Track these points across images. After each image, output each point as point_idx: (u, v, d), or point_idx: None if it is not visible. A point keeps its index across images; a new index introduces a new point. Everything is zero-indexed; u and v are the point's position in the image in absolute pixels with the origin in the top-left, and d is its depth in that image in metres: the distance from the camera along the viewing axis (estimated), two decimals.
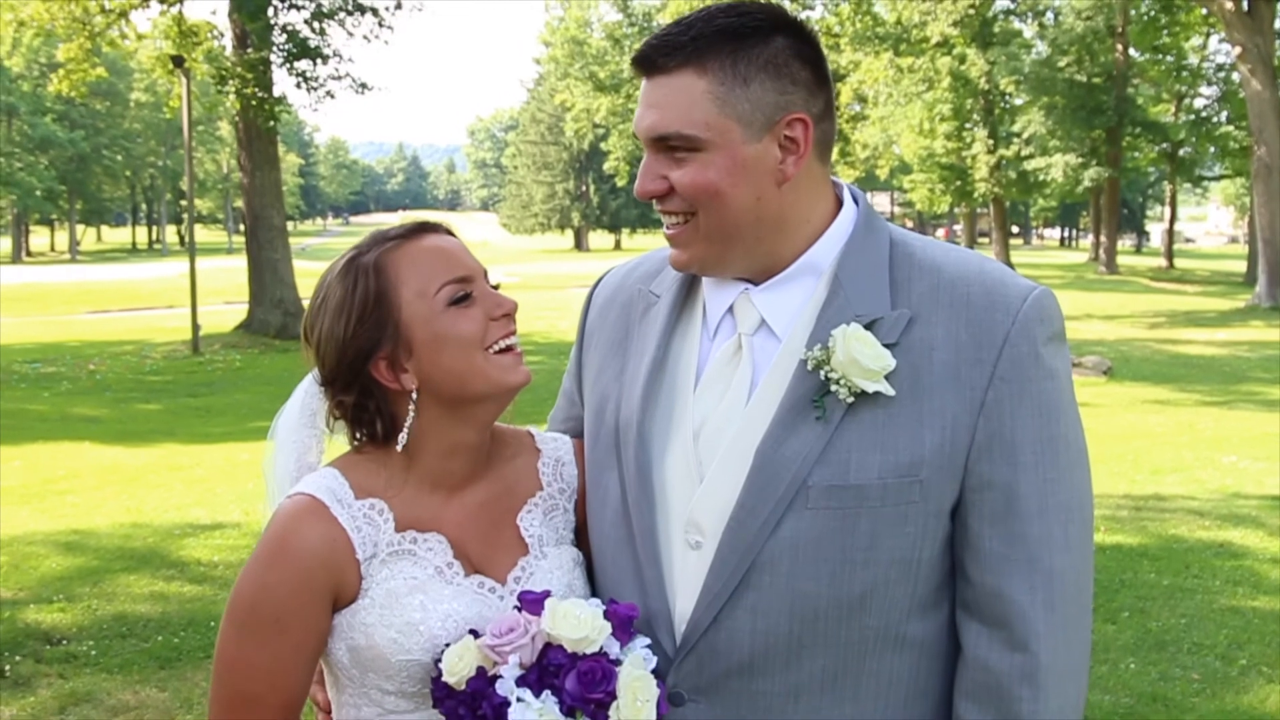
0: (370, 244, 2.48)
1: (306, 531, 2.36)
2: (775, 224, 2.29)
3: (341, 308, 2.41)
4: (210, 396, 23.43)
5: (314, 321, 2.48)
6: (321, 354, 2.46)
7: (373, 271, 2.41)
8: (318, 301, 2.48)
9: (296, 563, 2.34)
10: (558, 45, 68.38)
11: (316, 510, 2.38)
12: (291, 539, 2.36)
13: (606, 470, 2.48)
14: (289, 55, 32.97)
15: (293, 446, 2.62)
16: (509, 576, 2.47)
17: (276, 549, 2.37)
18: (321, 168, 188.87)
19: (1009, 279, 2.28)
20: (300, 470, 2.59)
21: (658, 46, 2.26)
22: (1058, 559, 2.21)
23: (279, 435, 2.66)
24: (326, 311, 2.44)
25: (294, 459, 2.61)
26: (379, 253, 2.44)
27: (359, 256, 2.45)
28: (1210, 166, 71.79)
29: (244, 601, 2.37)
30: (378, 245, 2.46)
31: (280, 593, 2.34)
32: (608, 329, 2.63)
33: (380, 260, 2.42)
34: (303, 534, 2.36)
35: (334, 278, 2.46)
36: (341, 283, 2.44)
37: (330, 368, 2.46)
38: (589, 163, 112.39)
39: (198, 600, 9.14)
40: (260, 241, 33.29)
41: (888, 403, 2.19)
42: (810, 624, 2.22)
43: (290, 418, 2.65)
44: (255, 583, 2.36)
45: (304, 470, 2.58)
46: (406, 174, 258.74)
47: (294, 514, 2.39)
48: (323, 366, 2.48)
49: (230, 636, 2.38)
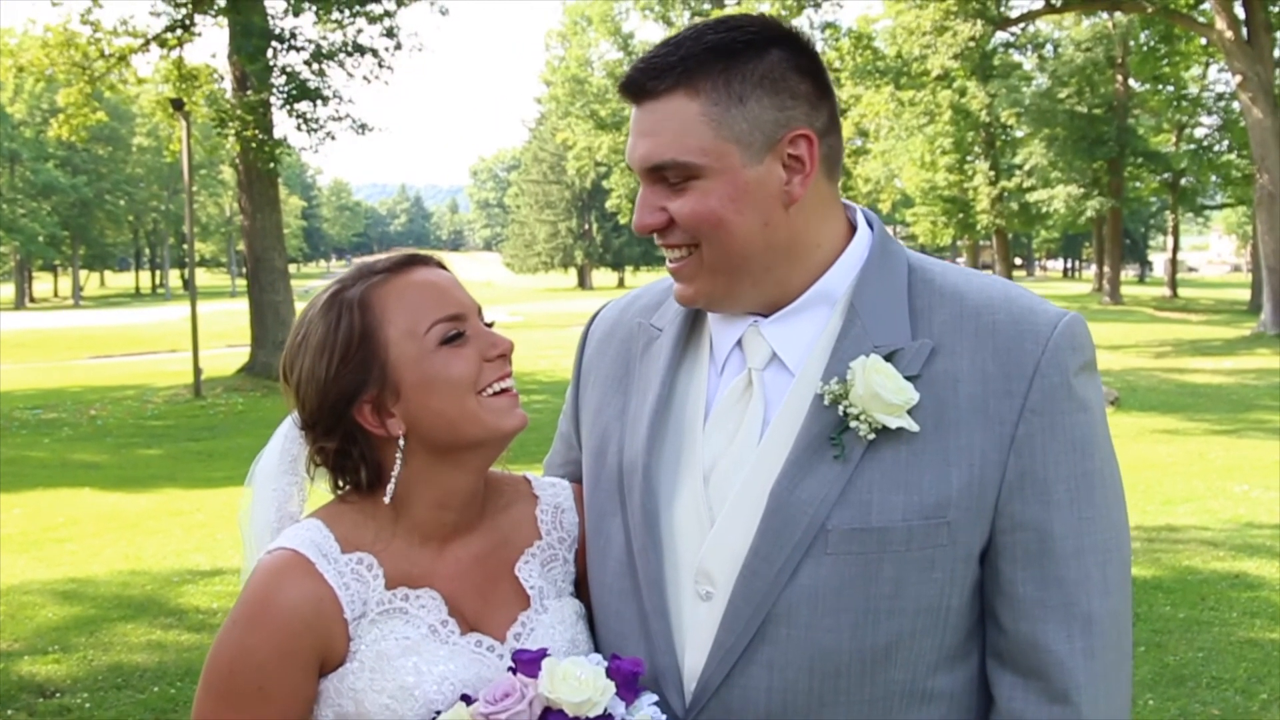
0: (355, 277, 2.30)
1: (290, 590, 2.17)
2: (785, 250, 2.13)
3: (323, 346, 2.24)
4: (212, 440, 23.25)
5: (294, 360, 2.30)
6: (301, 396, 2.29)
7: (358, 308, 2.24)
8: (298, 339, 2.30)
9: (280, 624, 2.15)
10: (559, 84, 68.31)
11: (301, 566, 2.19)
12: (274, 598, 2.17)
13: (609, 516, 2.32)
14: (289, 97, 32.88)
15: (272, 495, 2.43)
16: (508, 633, 2.29)
17: (257, 609, 2.17)
18: (324, 209, 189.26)
19: (1037, 305, 2.13)
20: (281, 521, 2.40)
21: (645, 70, 2.11)
22: (1096, 603, 2.06)
23: (257, 482, 2.47)
24: (307, 350, 2.26)
25: (274, 508, 2.42)
26: (365, 287, 2.26)
27: (343, 291, 2.27)
28: (1212, 195, 71.85)
29: (223, 667, 2.18)
30: (363, 279, 2.28)
31: (262, 657, 2.15)
32: (606, 365, 2.47)
33: (366, 295, 2.25)
34: (286, 593, 2.17)
35: (315, 313, 2.28)
36: (324, 319, 2.25)
37: (311, 411, 2.28)
38: (591, 201, 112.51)
39: (196, 649, 8.97)
40: (262, 284, 33.18)
41: (911, 439, 2.04)
42: (831, 679, 2.06)
43: (269, 464, 2.45)
44: (235, 646, 2.17)
45: (285, 521, 2.40)
46: (410, 215, 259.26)
47: (276, 571, 2.20)
48: (303, 409, 2.30)
49: (207, 705, 2.20)
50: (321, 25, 33.27)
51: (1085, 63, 61.87)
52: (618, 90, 2.18)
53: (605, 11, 65.00)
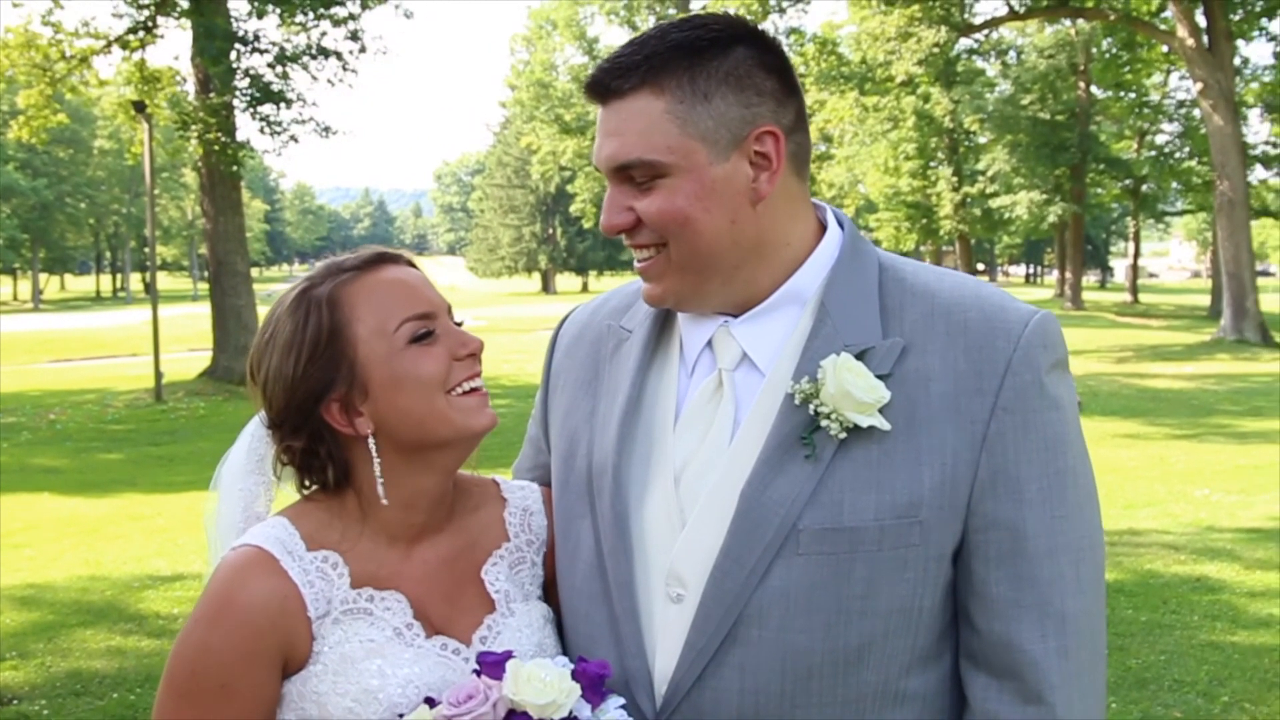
0: (324, 275, 2.27)
1: (255, 586, 2.14)
2: (753, 248, 2.12)
3: (291, 344, 2.21)
4: (173, 445, 23.04)
5: (261, 358, 2.27)
6: (269, 394, 2.26)
7: (326, 305, 2.21)
8: (265, 336, 2.28)
9: (243, 621, 2.12)
10: (523, 88, 68.29)
11: (265, 563, 2.16)
12: (237, 595, 2.14)
13: (578, 519, 2.30)
14: (252, 100, 32.68)
15: (239, 495, 2.40)
16: (474, 636, 2.26)
17: (220, 606, 2.14)
18: (287, 213, 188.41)
19: (1008, 303, 2.12)
20: (247, 521, 2.37)
21: (610, 70, 2.10)
22: (1070, 602, 2.05)
23: (223, 483, 2.44)
24: (275, 348, 2.24)
25: (240, 508, 2.39)
26: (333, 285, 2.24)
27: (311, 288, 2.25)
28: (1173, 202, 72.27)
29: (184, 665, 2.14)
30: (332, 276, 2.26)
31: (225, 655, 2.12)
32: (575, 368, 2.45)
33: (335, 293, 2.23)
34: (250, 589, 2.14)
35: (283, 311, 2.26)
36: (292, 317, 2.23)
37: (278, 409, 2.25)
38: (555, 205, 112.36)
39: (156, 655, 8.89)
40: (224, 288, 32.96)
41: (882, 438, 2.03)
42: (803, 681, 2.04)
43: (236, 463, 2.42)
44: (197, 644, 2.14)
45: (251, 521, 2.37)
46: (373, 219, 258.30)
47: (240, 567, 2.17)
48: (270, 408, 2.28)
49: (168, 705, 2.16)
50: (285, 28, 33.13)
51: (1048, 69, 62.27)
52: (584, 91, 2.17)
53: (570, 16, 65.08)
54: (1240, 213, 39.83)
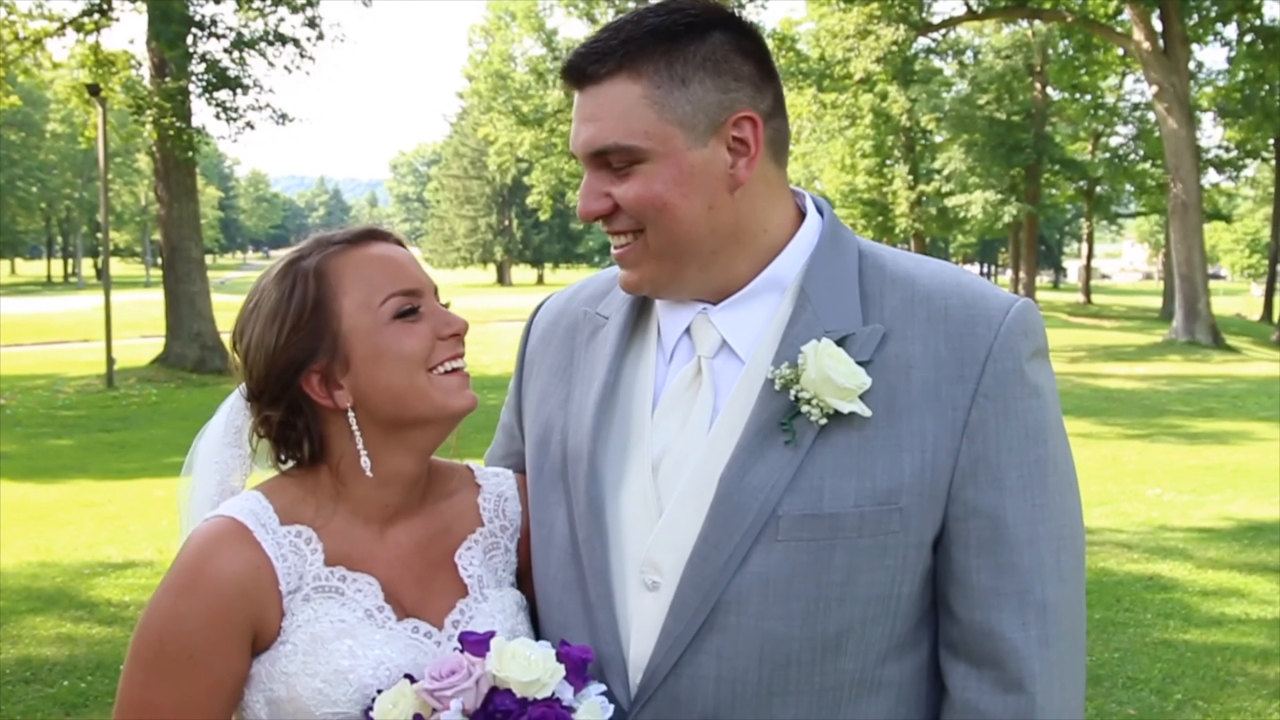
0: (313, 247, 2.26)
1: (228, 555, 2.11)
2: (731, 235, 2.10)
3: (275, 313, 2.20)
4: (125, 432, 22.85)
5: (245, 327, 2.26)
6: (250, 363, 2.25)
7: (313, 277, 2.20)
8: (250, 305, 2.26)
9: (213, 591, 2.09)
10: (481, 79, 67.98)
11: (238, 533, 2.14)
12: (208, 565, 2.11)
13: (552, 506, 2.28)
14: (208, 85, 32.45)
15: (215, 468, 2.37)
16: (446, 620, 2.24)
17: (191, 576, 2.11)
18: (242, 201, 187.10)
19: (988, 291, 2.12)
20: (222, 495, 2.34)
21: (586, 55, 2.08)
22: (1051, 590, 2.04)
23: (199, 455, 2.42)
24: (259, 317, 2.23)
25: (215, 481, 2.37)
26: (321, 257, 2.23)
27: (299, 260, 2.24)
28: (1126, 204, 72.90)
29: (151, 635, 2.11)
30: (320, 249, 2.25)
31: (193, 625, 2.08)
32: (550, 355, 2.43)
33: (322, 265, 2.22)
34: (223, 558, 2.11)
35: (269, 280, 2.25)
36: (278, 286, 2.22)
37: (258, 379, 2.24)
38: (512, 197, 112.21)
39: (107, 643, 8.82)
40: (178, 274, 32.73)
41: (863, 424, 2.01)
42: (781, 669, 2.03)
43: (213, 436, 2.40)
44: (165, 613, 2.11)
45: (226, 495, 2.34)
46: (328, 208, 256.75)
47: (212, 538, 2.14)
48: (250, 377, 2.26)
49: (135, 677, 2.12)
50: (243, 13, 32.88)
51: (1005, 70, 62.65)
52: (560, 75, 2.15)
53: (529, 7, 64.84)
54: (1193, 216, 40.22)
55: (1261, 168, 66.97)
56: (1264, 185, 73.79)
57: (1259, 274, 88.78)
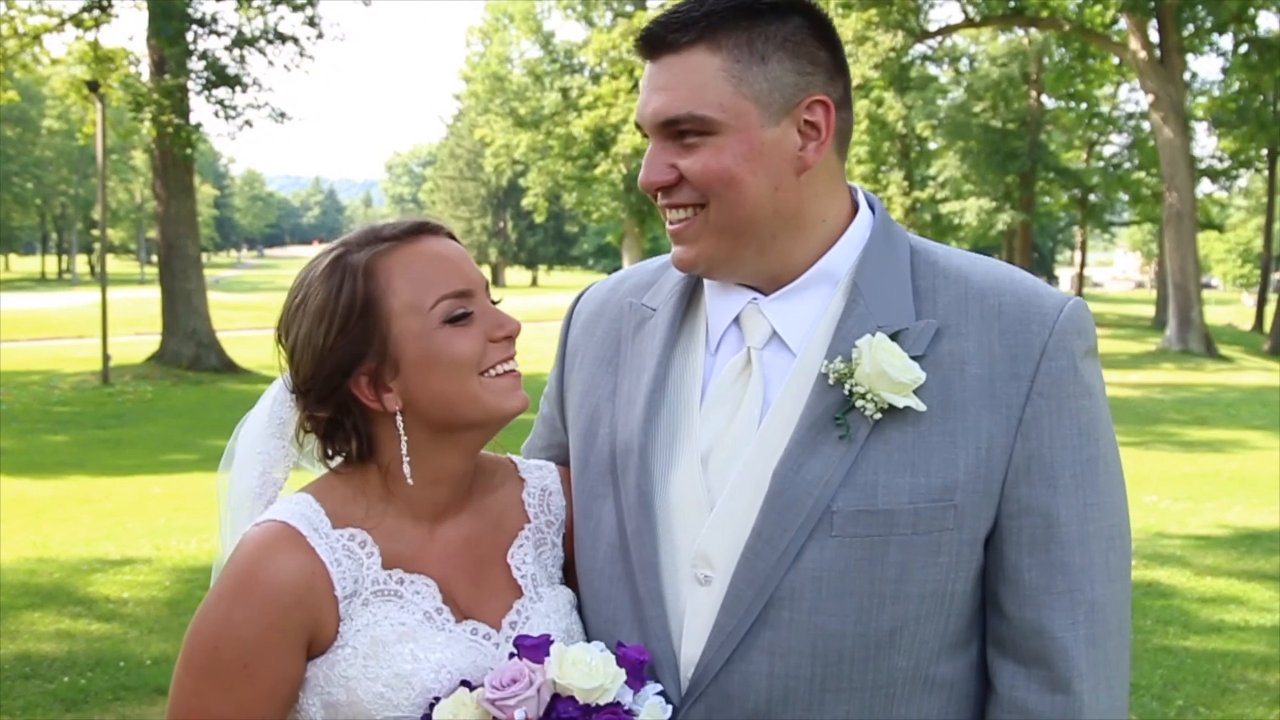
0: (361, 241, 2.20)
1: (282, 562, 2.08)
2: (791, 219, 2.10)
3: (323, 312, 2.14)
4: (120, 428, 22.82)
5: (291, 323, 2.20)
6: (296, 361, 2.20)
7: (362, 275, 2.14)
8: (296, 300, 2.20)
9: (268, 598, 2.06)
10: (478, 80, 67.97)
11: (292, 539, 2.10)
12: (263, 571, 2.07)
13: (600, 499, 2.26)
14: (207, 82, 32.44)
15: (258, 459, 2.33)
16: (504, 621, 2.22)
17: (245, 582, 2.07)
18: (237, 199, 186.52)
19: (1041, 289, 2.12)
20: (264, 487, 2.32)
21: (667, 23, 2.07)
22: (1100, 590, 2.05)
23: (241, 446, 2.37)
24: (305, 314, 2.17)
25: (257, 473, 2.32)
26: (371, 254, 2.16)
27: (347, 254, 2.18)
28: (1119, 212, 72.91)
29: (205, 642, 2.07)
30: (370, 245, 2.18)
31: (248, 632, 2.05)
32: (595, 346, 2.41)
33: (372, 263, 2.15)
34: (278, 565, 2.07)
35: (316, 276, 2.18)
36: (325, 283, 2.16)
37: (305, 378, 2.19)
38: (507, 199, 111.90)
39: (106, 639, 8.81)
40: (174, 271, 32.67)
41: (917, 420, 2.01)
42: (834, 665, 2.02)
43: (257, 426, 2.35)
44: (219, 620, 2.07)
45: (268, 487, 2.32)
46: (323, 207, 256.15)
47: (266, 543, 2.10)
48: (296, 375, 2.21)
49: (187, 684, 2.09)
50: (243, 10, 32.84)
51: (1000, 78, 62.62)
52: (635, 44, 2.13)
53: (527, 10, 64.79)
54: (1188, 225, 40.27)
55: (1254, 178, 67.08)
56: (1257, 195, 73.93)
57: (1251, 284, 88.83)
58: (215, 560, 2.37)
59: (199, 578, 10.57)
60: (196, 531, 12.68)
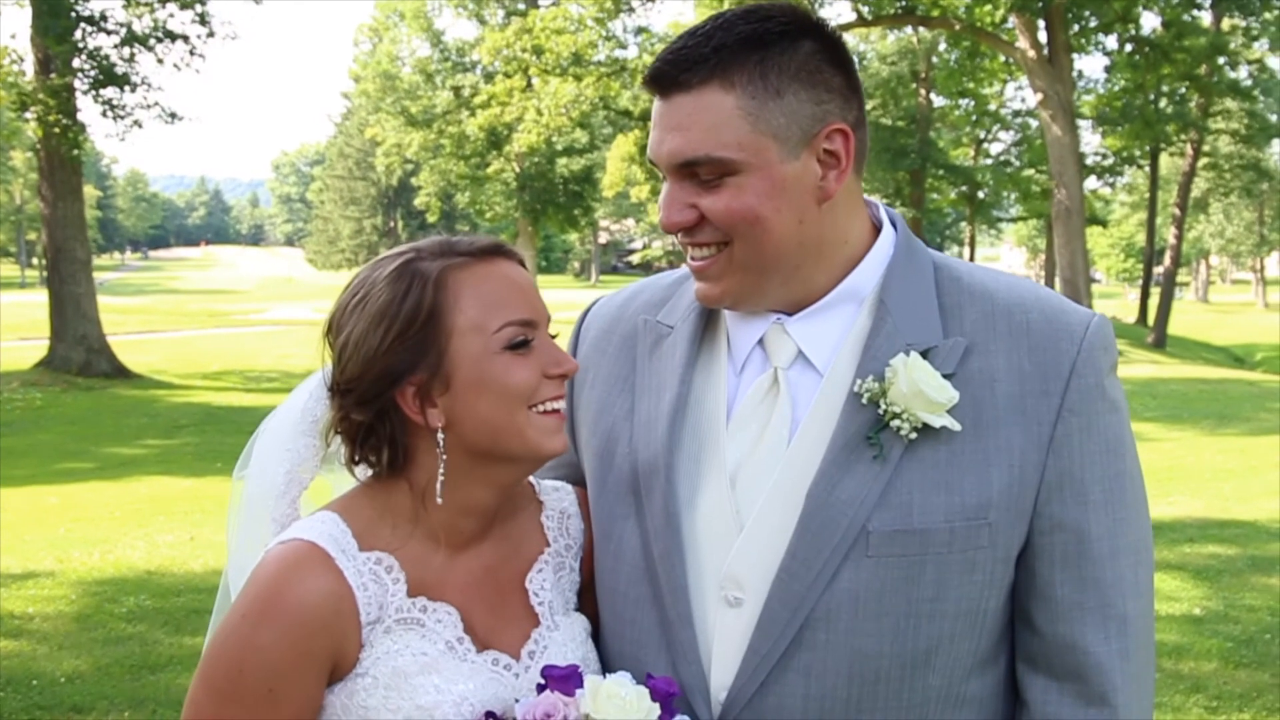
0: (435, 252, 2.14)
1: (310, 583, 2.02)
2: (815, 248, 2.08)
3: (384, 314, 2.08)
4: (10, 437, 22.17)
5: (345, 319, 2.14)
6: (345, 359, 2.13)
7: (433, 285, 2.08)
8: (354, 297, 2.14)
9: (295, 620, 2.00)
10: (368, 79, 67.30)
11: (320, 560, 2.04)
12: (289, 592, 2.01)
13: (620, 520, 2.22)
14: (95, 82, 31.77)
15: (286, 455, 2.26)
16: (522, 651, 2.17)
17: (271, 603, 2.01)
18: (120, 200, 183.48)
19: (1067, 305, 2.12)
20: (290, 485, 2.25)
21: (675, 61, 2.03)
22: (1130, 604, 2.07)
23: (267, 440, 2.30)
24: (364, 313, 2.11)
25: (284, 471, 2.26)
26: (444, 265, 2.11)
27: (418, 261, 2.12)
28: (1007, 209, 74.11)
29: (228, 665, 2.01)
30: (444, 256, 2.13)
31: (273, 655, 1.99)
32: (608, 364, 2.37)
33: (444, 275, 2.10)
34: (306, 586, 2.01)
35: (383, 276, 2.12)
36: (391, 286, 2.10)
37: (350, 377, 2.12)
38: (398, 198, 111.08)
39: (15, 657, 8.56)
40: (62, 275, 31.93)
41: (950, 439, 2.00)
42: (870, 686, 2.01)
43: (288, 421, 2.28)
44: (243, 642, 2.01)
45: (294, 487, 2.25)
46: (209, 208, 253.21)
47: (293, 562, 2.04)
48: (341, 372, 2.14)
49: (207, 708, 2.03)
50: (132, 8, 32.17)
51: (890, 76, 63.39)
52: (644, 82, 2.09)
53: (418, 8, 64.34)
54: (1076, 221, 40.97)
55: (1136, 174, 68.51)
56: (1139, 191, 75.53)
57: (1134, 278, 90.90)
58: (226, 569, 2.32)
59: (106, 590, 10.37)
60: (99, 543, 12.38)
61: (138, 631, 9.14)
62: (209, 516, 14.60)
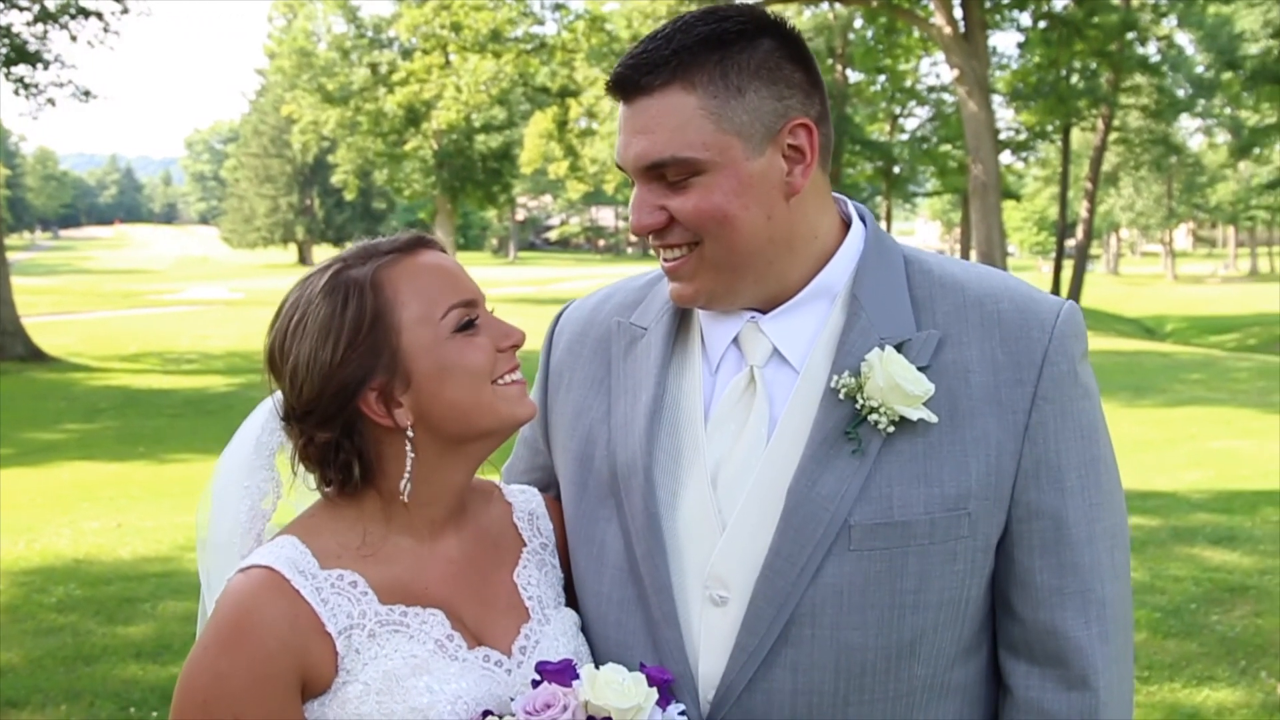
0: (360, 257, 2.15)
1: (266, 609, 2.02)
2: (785, 243, 2.12)
3: (328, 328, 2.08)
4: None
5: (287, 345, 2.13)
6: (298, 383, 2.12)
7: (369, 289, 2.09)
8: (291, 320, 2.13)
9: (254, 646, 2.00)
10: (284, 56, 66.46)
11: (274, 585, 2.04)
12: (246, 620, 2.02)
13: (601, 522, 2.25)
14: (6, 59, 31.14)
15: (245, 493, 2.25)
16: (514, 647, 2.18)
17: (230, 632, 2.02)
18: (29, 179, 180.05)
19: (1036, 294, 2.17)
20: (253, 520, 2.25)
21: (636, 65, 2.06)
22: (1108, 588, 2.11)
23: (223, 479, 2.30)
24: (308, 333, 2.10)
25: (246, 508, 2.25)
26: (374, 267, 2.12)
27: (347, 269, 2.13)
28: (923, 184, 74.70)
29: (195, 696, 2.02)
30: (371, 259, 2.14)
31: (234, 684, 1.99)
32: (582, 367, 2.39)
33: (377, 276, 2.11)
34: (261, 612, 2.02)
35: (315, 293, 2.12)
36: (329, 299, 2.10)
37: (308, 399, 2.11)
38: (314, 176, 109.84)
39: None
40: None
41: (927, 431, 2.05)
42: (857, 678, 2.05)
43: (241, 457, 2.28)
44: (207, 672, 2.02)
45: (258, 520, 2.25)
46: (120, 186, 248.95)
47: (248, 590, 2.04)
48: (298, 397, 2.13)
49: None
50: None
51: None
52: (606, 88, 2.11)
53: None
54: (992, 196, 41.33)
55: (1049, 148, 69.28)
56: (1052, 165, 76.38)
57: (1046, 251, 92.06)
58: (200, 605, 2.33)
59: (34, 580, 10.19)
60: (24, 531, 12.14)
61: (69, 622, 8.95)
62: (135, 502, 14.44)
